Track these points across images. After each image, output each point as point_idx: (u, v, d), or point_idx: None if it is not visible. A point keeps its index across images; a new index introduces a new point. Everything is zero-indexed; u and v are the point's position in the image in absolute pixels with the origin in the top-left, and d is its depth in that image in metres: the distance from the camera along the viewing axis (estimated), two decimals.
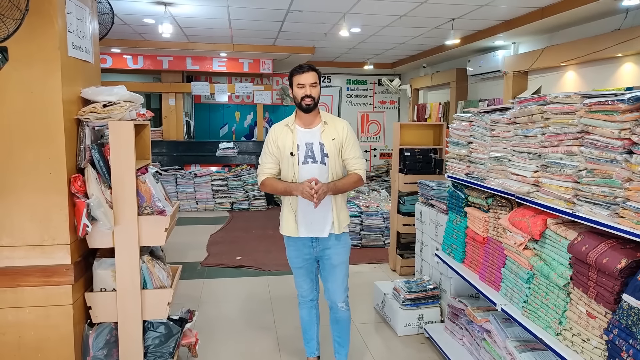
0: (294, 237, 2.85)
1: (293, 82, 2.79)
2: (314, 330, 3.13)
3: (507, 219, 2.55)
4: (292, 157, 2.77)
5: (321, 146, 2.79)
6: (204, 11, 5.54)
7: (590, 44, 4.86)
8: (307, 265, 2.94)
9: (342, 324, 2.99)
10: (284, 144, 2.81)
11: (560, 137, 2.17)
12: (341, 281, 2.91)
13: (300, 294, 3.07)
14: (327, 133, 2.81)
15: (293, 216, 2.83)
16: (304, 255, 2.90)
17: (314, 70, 2.79)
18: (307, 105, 2.77)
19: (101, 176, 2.59)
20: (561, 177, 2.14)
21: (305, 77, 2.75)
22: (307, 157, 2.78)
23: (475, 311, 3.05)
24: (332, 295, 2.94)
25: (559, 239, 2.16)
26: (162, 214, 2.67)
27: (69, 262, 2.47)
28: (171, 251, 5.81)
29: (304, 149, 2.79)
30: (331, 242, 2.85)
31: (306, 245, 2.87)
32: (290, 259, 2.97)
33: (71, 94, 2.51)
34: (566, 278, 2.09)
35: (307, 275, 2.98)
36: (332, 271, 2.89)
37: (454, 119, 3.31)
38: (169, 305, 2.75)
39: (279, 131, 2.86)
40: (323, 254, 2.88)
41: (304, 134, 2.82)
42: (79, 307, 2.59)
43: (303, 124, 2.85)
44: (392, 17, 5.65)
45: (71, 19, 2.52)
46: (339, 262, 2.89)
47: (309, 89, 2.76)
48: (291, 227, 2.83)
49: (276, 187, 2.83)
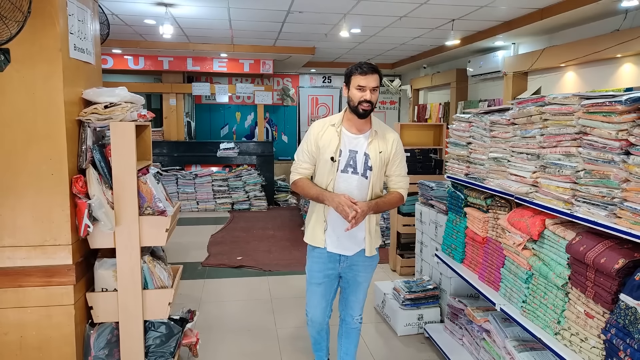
0: (320, 248, 2.59)
1: (351, 82, 2.46)
2: (325, 343, 2.89)
3: (506, 219, 2.56)
4: (331, 163, 2.50)
5: (366, 157, 2.52)
6: (205, 12, 5.56)
7: (589, 44, 4.87)
8: (328, 282, 2.65)
9: (353, 337, 2.80)
10: (326, 146, 2.52)
11: (558, 138, 2.18)
12: (362, 298, 2.73)
13: (310, 318, 2.73)
14: (374, 144, 2.53)
15: (322, 227, 2.56)
16: (328, 270, 2.61)
17: (377, 73, 2.46)
18: (364, 111, 2.45)
19: (102, 177, 2.60)
20: (559, 178, 2.15)
21: (368, 80, 2.42)
22: (347, 166, 2.51)
23: (475, 311, 3.06)
24: (350, 310, 2.74)
25: (557, 239, 2.17)
26: (163, 214, 2.69)
27: (71, 263, 2.49)
28: (172, 251, 5.82)
29: (346, 156, 2.51)
30: (361, 259, 2.61)
31: (333, 260, 2.59)
32: (310, 273, 2.66)
33: (73, 95, 2.53)
34: (564, 278, 2.10)
35: (325, 295, 2.66)
36: (356, 288, 2.68)
37: (454, 120, 3.32)
38: (169, 305, 2.77)
39: (322, 130, 2.56)
40: (350, 269, 2.63)
41: (349, 140, 2.53)
42: (80, 307, 2.60)
43: (351, 128, 2.55)
44: (392, 17, 5.66)
45: (73, 20, 2.54)
46: (364, 280, 2.68)
47: (370, 94, 2.43)
48: (318, 238, 2.58)
49: (308, 191, 2.53)
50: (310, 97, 11.34)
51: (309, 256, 2.68)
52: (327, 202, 2.45)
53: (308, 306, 2.73)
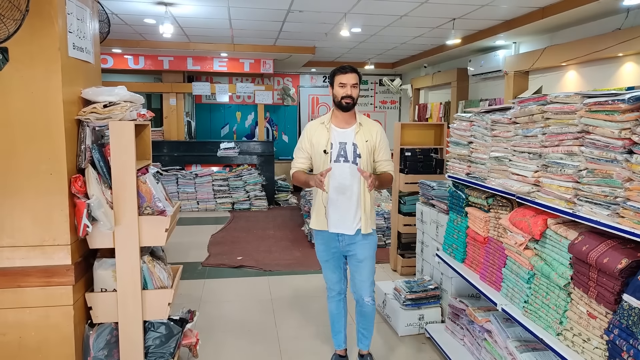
0: (322, 230, 2.97)
1: (335, 81, 2.88)
2: (342, 323, 3.19)
3: (507, 219, 2.55)
4: (324, 155, 2.89)
5: (354, 147, 2.90)
6: (205, 11, 5.55)
7: (591, 43, 4.85)
8: (334, 259, 3.04)
9: (368, 317, 3.10)
10: (318, 142, 2.92)
11: (560, 137, 2.16)
12: (367, 276, 3.01)
13: (328, 287, 3.15)
14: (361, 135, 2.92)
15: (323, 211, 2.93)
16: (331, 249, 3.00)
17: (355, 72, 2.89)
18: (347, 104, 2.87)
19: (102, 176, 2.59)
20: (561, 177, 2.13)
21: (348, 78, 2.85)
22: (339, 156, 2.90)
23: (476, 311, 3.04)
24: (359, 290, 3.04)
25: (559, 238, 2.16)
26: (162, 214, 2.67)
27: (70, 263, 2.48)
28: (172, 251, 5.81)
29: (337, 147, 2.90)
30: (357, 238, 2.95)
31: (333, 239, 2.98)
32: (318, 252, 3.08)
33: (72, 95, 2.51)
34: (567, 278, 2.09)
35: (335, 268, 3.07)
36: (358, 266, 3.00)
37: (455, 119, 3.30)
38: (169, 306, 2.76)
39: (314, 128, 2.97)
40: (349, 249, 2.98)
41: (338, 134, 2.93)
42: (79, 307, 2.59)
43: (338, 123, 2.96)
44: (392, 17, 5.65)
45: (72, 19, 2.53)
46: (364, 257, 2.98)
47: (350, 89, 2.85)
48: (321, 221, 2.95)
49: (299, 178, 2.97)
50: (311, 96, 11.33)
51: (315, 239, 3.09)
52: (310, 182, 2.84)
53: (326, 279, 3.14)
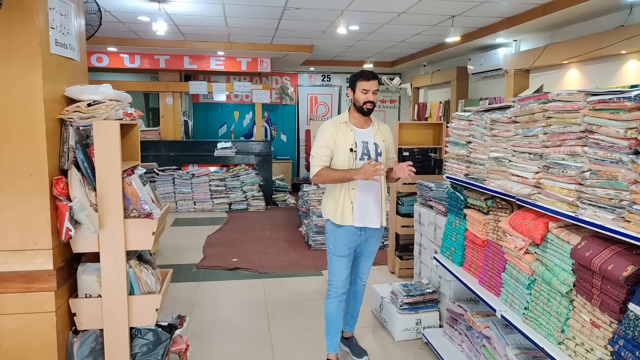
0: (346, 226, 3.01)
1: (357, 87, 3.01)
2: (339, 326, 3.20)
3: (507, 222, 2.45)
4: (350, 153, 3.00)
5: (376, 146, 3.08)
6: (199, 9, 5.45)
7: (593, 41, 4.75)
8: (351, 254, 3.11)
9: (359, 297, 3.33)
10: (344, 140, 3.02)
11: (562, 137, 2.07)
12: (371, 263, 3.28)
13: (334, 286, 3.12)
14: (379, 135, 3.12)
15: (350, 206, 3.00)
16: (352, 242, 3.06)
17: (377, 79, 3.05)
18: (368, 110, 3.02)
19: (86, 178, 2.50)
20: (564, 179, 2.04)
21: (371, 84, 2.99)
22: (363, 154, 3.04)
23: (475, 316, 2.95)
24: (360, 273, 3.25)
25: (561, 243, 2.06)
26: (149, 216, 2.58)
27: (52, 268, 2.38)
28: (167, 253, 5.73)
29: (361, 146, 3.04)
30: (376, 231, 3.12)
31: (355, 234, 3.04)
32: (337, 247, 3.07)
33: (54, 93, 2.42)
34: (569, 285, 1.99)
35: (348, 264, 3.11)
36: (368, 256, 3.21)
37: (453, 118, 3.21)
38: (157, 312, 2.66)
39: (335, 128, 3.05)
40: (366, 240, 3.12)
41: (360, 134, 3.07)
42: (62, 314, 2.49)
43: (358, 124, 3.09)
44: (391, 14, 5.55)
45: (54, 14, 2.42)
46: (375, 249, 3.22)
47: (372, 96, 3.00)
48: (347, 216, 3.00)
49: (333, 175, 2.97)
50: (310, 95, 11.24)
51: (335, 234, 3.07)
52: (355, 176, 2.87)
53: (333, 276, 3.11)
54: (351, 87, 3.08)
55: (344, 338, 3.40)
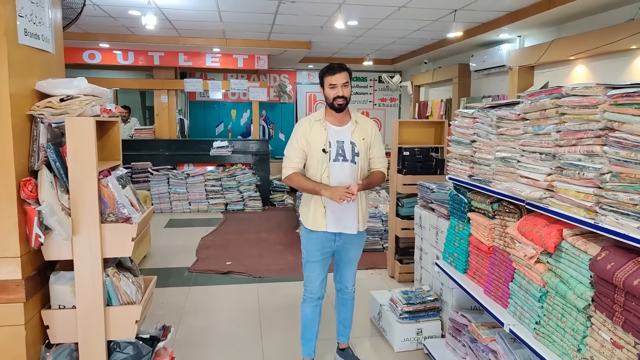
0: (319, 231, 2.84)
1: (324, 83, 2.81)
2: (315, 330, 3.05)
3: (515, 228, 2.25)
4: (323, 154, 2.78)
5: (352, 145, 2.82)
6: (191, 2, 5.24)
7: (601, 35, 4.55)
8: (325, 259, 2.94)
9: (349, 305, 3.12)
10: (316, 140, 2.79)
11: (578, 135, 1.87)
12: (355, 269, 3.07)
13: (309, 291, 2.97)
14: (357, 132, 2.85)
15: (322, 211, 2.82)
16: (325, 248, 2.89)
17: (345, 70, 2.81)
18: (339, 105, 2.79)
19: (58, 179, 2.30)
20: (580, 182, 1.84)
21: (337, 78, 2.77)
22: (337, 155, 2.80)
23: (480, 328, 2.75)
24: (345, 281, 3.06)
25: (577, 253, 1.86)
26: (128, 221, 2.38)
27: (20, 277, 2.18)
28: (158, 255, 5.54)
29: (335, 146, 2.81)
30: (353, 237, 2.90)
31: (329, 239, 2.87)
32: (309, 252, 2.92)
33: (22, 87, 2.22)
34: (587, 299, 1.79)
35: (322, 270, 2.95)
36: (350, 262, 3.01)
37: (456, 116, 3.01)
38: (137, 324, 2.46)
39: (309, 126, 2.84)
40: (343, 247, 2.92)
41: (335, 132, 2.83)
42: (33, 327, 2.30)
43: (334, 121, 2.86)
44: (390, 8, 5.34)
45: (23, 2, 2.22)
46: (357, 255, 3.01)
47: (341, 90, 2.77)
48: (319, 221, 2.83)
49: (304, 184, 2.79)
50: (308, 93, 11.04)
51: (308, 238, 2.91)
52: (323, 193, 2.69)
53: (308, 281, 2.96)
54: (320, 83, 2.88)
55: (340, 349, 3.21)
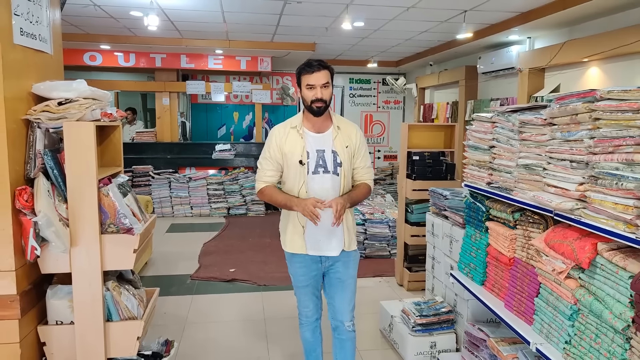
0: (300, 254, 2.54)
1: (302, 82, 2.43)
2: (319, 351, 2.77)
3: (542, 240, 2.11)
4: (301, 167, 2.45)
5: (334, 154, 2.48)
6: (195, 2, 5.12)
7: (616, 37, 4.41)
8: (314, 283, 2.62)
9: (348, 347, 2.65)
10: (292, 150, 2.46)
11: (616, 142, 1.73)
12: (349, 299, 2.61)
13: (304, 315, 2.70)
14: (340, 140, 2.50)
15: (301, 230, 2.50)
16: (312, 272, 2.57)
17: (325, 68, 2.40)
18: (318, 109, 2.41)
19: (56, 188, 2.17)
20: (618, 192, 1.70)
21: (316, 77, 2.37)
22: (317, 167, 2.46)
23: (499, 344, 2.61)
24: (338, 314, 2.61)
25: (615, 269, 1.72)
26: (129, 232, 2.25)
27: (14, 292, 2.05)
28: (160, 262, 5.40)
29: (315, 156, 2.47)
30: (341, 257, 2.55)
31: (314, 261, 2.56)
32: (295, 277, 2.62)
33: (17, 90, 2.09)
34: (626, 320, 1.65)
35: (313, 293, 2.65)
36: (340, 287, 2.59)
37: (474, 120, 2.87)
38: (138, 340, 2.33)
39: (284, 134, 2.51)
40: (331, 268, 2.58)
41: (314, 140, 2.48)
42: (29, 344, 2.17)
43: (312, 127, 2.51)
44: (399, 8, 5.22)
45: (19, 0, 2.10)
46: (347, 277, 2.59)
47: (320, 91, 2.38)
48: (298, 244, 2.52)
49: (275, 198, 2.51)
50: None
51: (290, 262, 2.62)
52: (294, 208, 2.40)
53: (301, 305, 2.69)
54: (297, 83, 2.48)
55: None
